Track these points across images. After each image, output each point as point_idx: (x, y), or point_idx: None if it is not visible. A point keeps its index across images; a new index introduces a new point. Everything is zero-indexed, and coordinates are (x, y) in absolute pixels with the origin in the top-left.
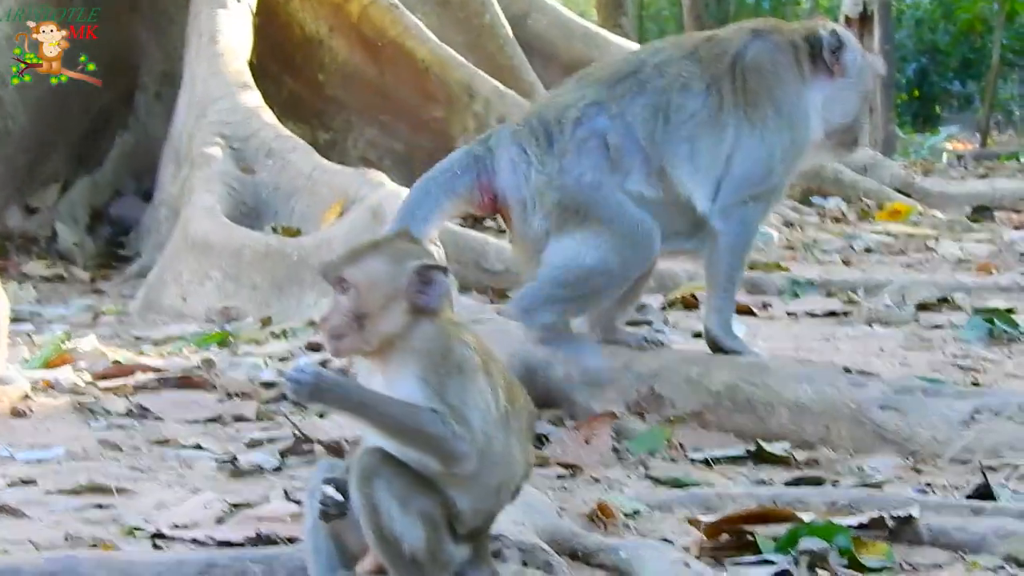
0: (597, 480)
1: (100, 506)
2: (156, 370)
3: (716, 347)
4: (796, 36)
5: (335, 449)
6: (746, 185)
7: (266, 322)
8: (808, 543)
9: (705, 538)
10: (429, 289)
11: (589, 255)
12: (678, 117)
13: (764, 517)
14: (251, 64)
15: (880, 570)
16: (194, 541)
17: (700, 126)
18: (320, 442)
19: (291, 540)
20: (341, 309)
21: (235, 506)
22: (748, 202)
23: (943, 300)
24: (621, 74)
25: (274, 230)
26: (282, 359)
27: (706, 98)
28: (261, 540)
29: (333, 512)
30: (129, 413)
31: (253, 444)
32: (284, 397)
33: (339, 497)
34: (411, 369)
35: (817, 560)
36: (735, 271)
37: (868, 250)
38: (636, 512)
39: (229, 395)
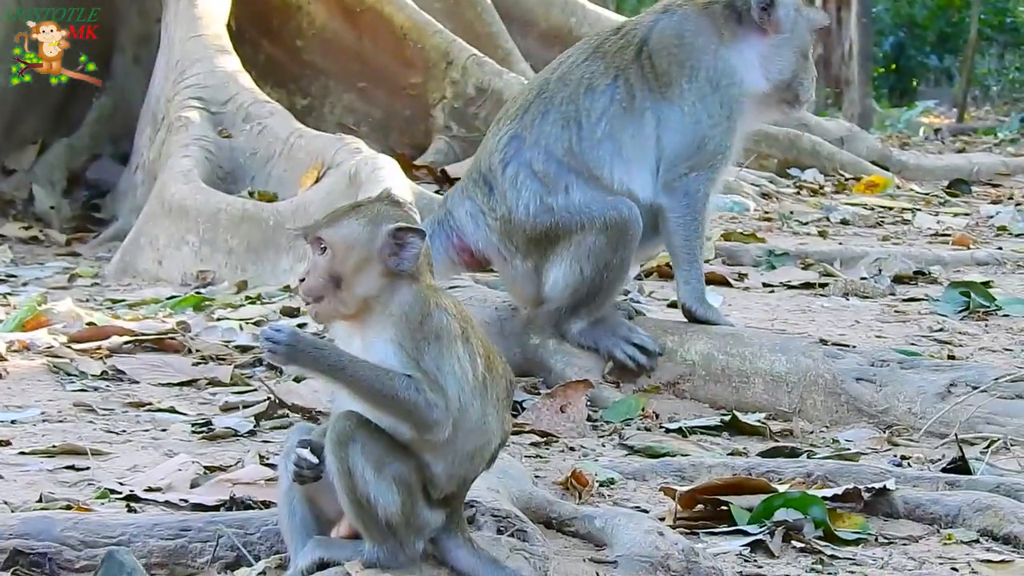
0: (572, 448)
1: (74, 468)
2: (131, 333)
3: (692, 318)
4: (717, 2)
5: (309, 413)
6: (681, 159)
7: (241, 286)
8: (783, 514)
9: (679, 507)
10: (403, 251)
11: (583, 264)
12: (589, 120)
13: (739, 487)
14: (229, 28)
15: (855, 542)
16: (167, 504)
17: (615, 121)
18: (295, 406)
19: (265, 504)
20: (318, 270)
21: (209, 469)
22: (688, 174)
23: (919, 273)
24: (528, 100)
25: (251, 195)
26: (257, 323)
27: (614, 92)
28: (235, 504)
29: (308, 475)
30: (104, 375)
31: (227, 408)
32: (259, 361)
33: (314, 459)
34: (388, 334)
35: (791, 531)
36: (692, 242)
37: (845, 222)
38: (611, 481)
39: (204, 359)
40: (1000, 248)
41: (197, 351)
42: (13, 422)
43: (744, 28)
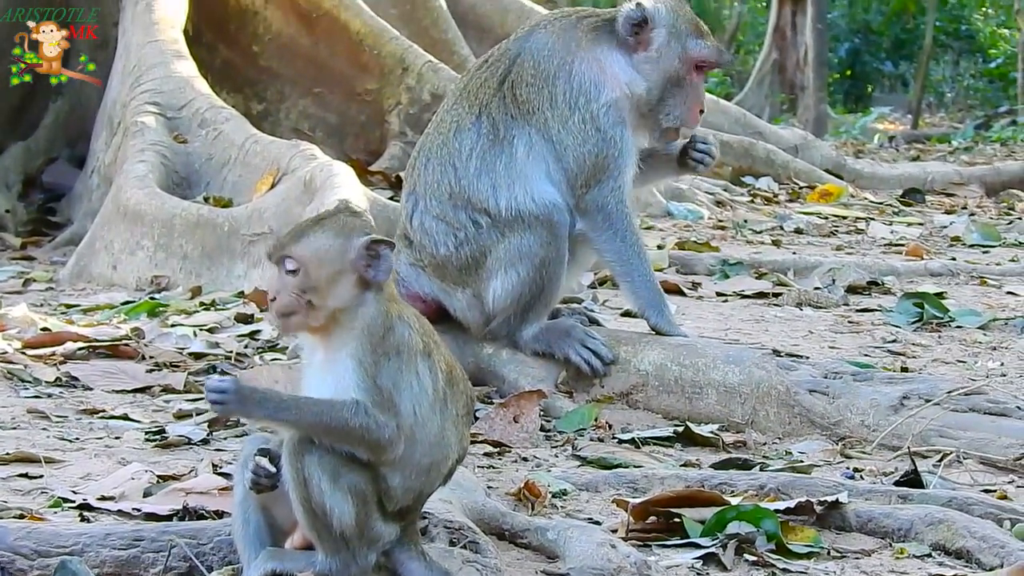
0: (525, 459)
1: (28, 476)
2: (85, 339)
3: (652, 327)
4: (592, 15)
5: None
6: (573, 180)
7: (196, 292)
8: (735, 527)
9: (632, 519)
10: (377, 263)
11: (517, 267)
12: (461, 160)
13: (691, 500)
14: (186, 33)
15: (807, 555)
16: (121, 513)
17: (485, 155)
18: None
19: (218, 514)
20: (288, 288)
21: (162, 478)
22: (588, 192)
23: (873, 283)
24: (415, 155)
25: (206, 200)
26: (211, 330)
27: (479, 128)
28: (188, 513)
29: (265, 483)
30: (58, 382)
31: (181, 416)
32: (213, 368)
33: (271, 468)
34: (349, 348)
35: (744, 544)
36: (623, 255)
37: (798, 231)
38: (563, 492)
39: (158, 365)
40: (954, 259)
41: (151, 358)
42: None
43: (612, 37)
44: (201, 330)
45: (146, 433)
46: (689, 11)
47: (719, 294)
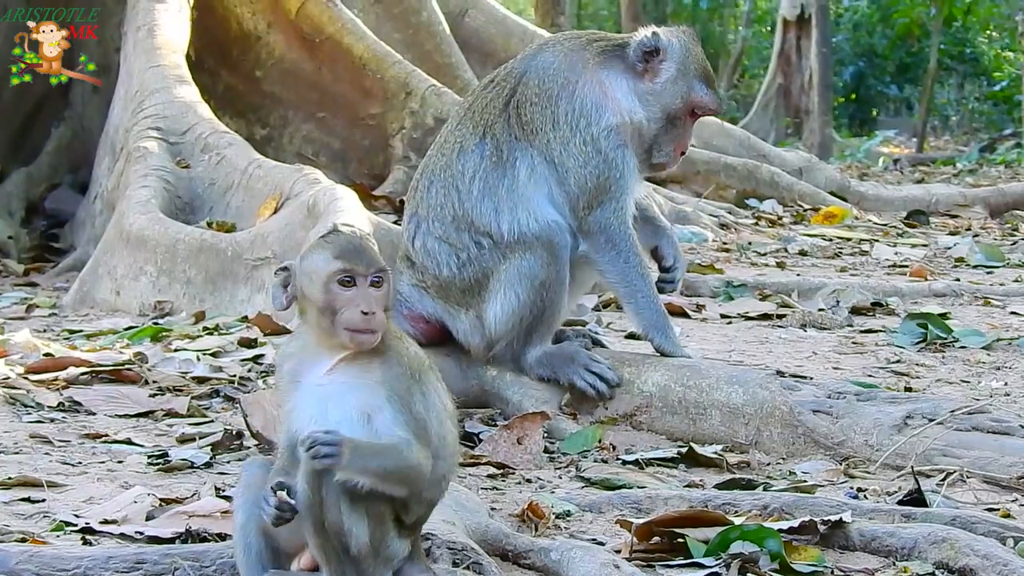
0: (528, 480)
1: (30, 500)
2: (88, 364)
3: (656, 348)
4: (603, 39)
5: (270, 443)
6: (576, 201)
7: (199, 317)
8: (739, 547)
9: (636, 540)
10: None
11: (517, 289)
12: (464, 182)
13: (695, 520)
14: (188, 58)
15: (811, 575)
16: (123, 536)
17: (488, 177)
18: (258, 434)
19: (221, 536)
20: (381, 303)
21: (165, 501)
22: (591, 213)
23: (877, 304)
24: (418, 177)
25: (209, 225)
26: (214, 354)
27: (483, 150)
28: (191, 536)
29: (288, 518)
30: (60, 407)
31: (184, 439)
32: (216, 393)
33: (292, 502)
34: (375, 376)
35: (747, 564)
36: (627, 276)
37: (803, 253)
38: (567, 513)
39: (161, 390)
40: (958, 280)
41: (154, 382)
42: None
43: (619, 63)
44: (204, 354)
45: (149, 457)
46: (701, 54)
47: (723, 316)
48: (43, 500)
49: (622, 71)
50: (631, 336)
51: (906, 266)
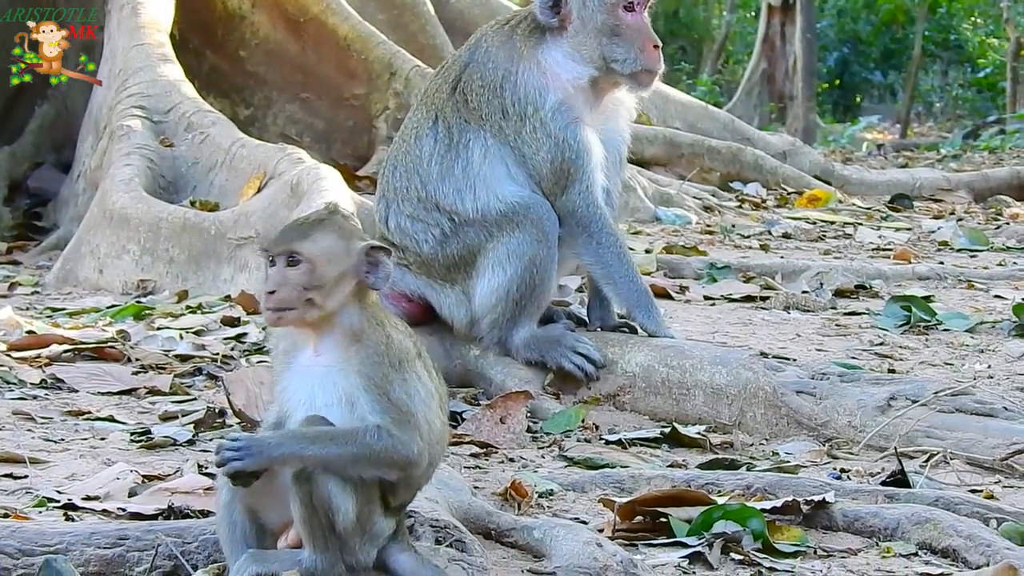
0: (511, 459)
1: (12, 476)
2: (71, 342)
3: (641, 327)
4: (523, 19)
5: (252, 423)
6: (542, 185)
7: (182, 296)
8: (722, 526)
9: (618, 519)
10: (375, 270)
11: (505, 265)
12: (423, 166)
13: (678, 499)
14: (172, 38)
15: (793, 554)
16: (105, 512)
17: (444, 159)
18: (240, 412)
19: (203, 513)
20: (290, 283)
21: (147, 478)
22: (560, 196)
23: (860, 287)
24: (383, 162)
25: (192, 204)
26: (197, 332)
27: (435, 134)
28: (173, 512)
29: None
30: (43, 384)
31: (166, 417)
32: (199, 371)
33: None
34: (353, 365)
35: (730, 543)
36: (603, 256)
37: (786, 236)
38: (550, 492)
39: (144, 368)
40: (941, 263)
41: (137, 360)
42: None
43: (545, 33)
44: (187, 333)
45: (131, 434)
46: None
47: (707, 298)
48: (25, 476)
49: (551, 40)
50: (621, 319)
51: (890, 249)
